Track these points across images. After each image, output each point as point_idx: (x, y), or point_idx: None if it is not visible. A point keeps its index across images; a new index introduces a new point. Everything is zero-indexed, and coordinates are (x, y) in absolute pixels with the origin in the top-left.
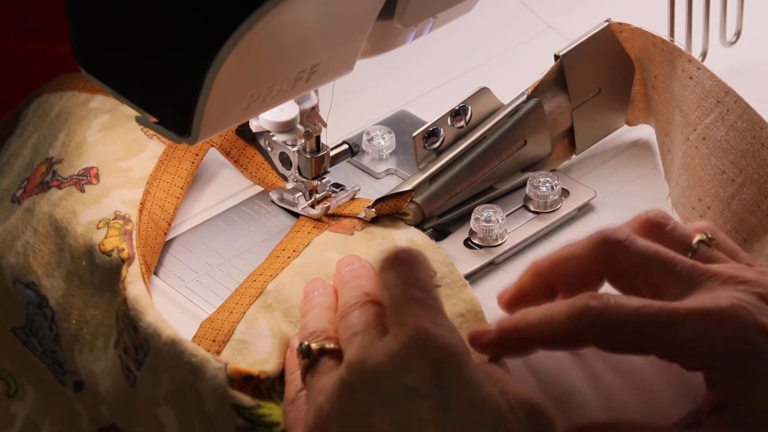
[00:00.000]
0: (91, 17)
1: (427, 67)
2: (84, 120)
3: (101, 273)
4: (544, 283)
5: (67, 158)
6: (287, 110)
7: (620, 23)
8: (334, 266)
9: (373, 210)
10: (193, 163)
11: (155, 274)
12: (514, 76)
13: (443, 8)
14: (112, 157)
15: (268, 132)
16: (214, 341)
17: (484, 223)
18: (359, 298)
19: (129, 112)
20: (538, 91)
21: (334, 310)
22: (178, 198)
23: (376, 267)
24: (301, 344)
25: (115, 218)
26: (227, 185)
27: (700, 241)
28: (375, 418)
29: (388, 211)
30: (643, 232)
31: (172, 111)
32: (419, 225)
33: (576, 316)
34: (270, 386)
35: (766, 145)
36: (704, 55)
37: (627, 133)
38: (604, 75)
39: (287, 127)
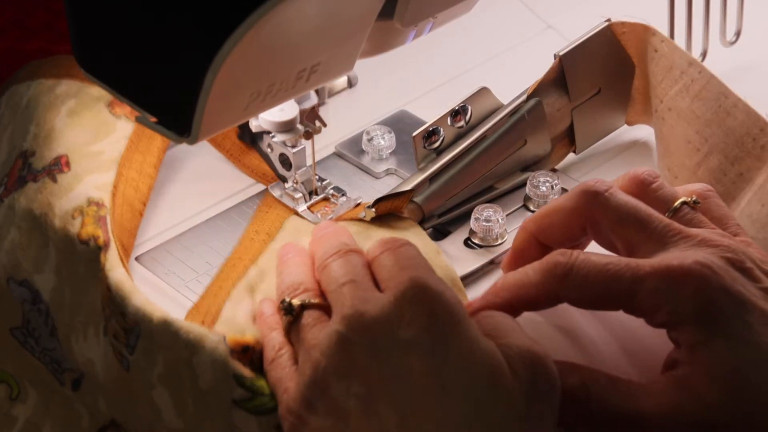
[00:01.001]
0: (91, 17)
1: (427, 67)
2: (52, 107)
3: (83, 263)
4: (535, 241)
5: (39, 150)
6: (287, 110)
7: (621, 23)
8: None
9: (373, 210)
10: (164, 140)
11: (155, 273)
12: (514, 76)
13: (443, 8)
14: (81, 141)
15: (268, 133)
16: (202, 323)
17: (484, 223)
18: (338, 247)
19: (96, 93)
20: (538, 91)
21: (310, 267)
22: (151, 177)
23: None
24: (282, 301)
25: (88, 205)
26: (227, 184)
27: (684, 203)
28: (373, 371)
29: (388, 211)
30: (628, 189)
31: (172, 111)
32: (419, 225)
33: (546, 272)
34: (261, 360)
35: (732, 114)
36: (704, 55)
37: (627, 133)
38: (604, 75)
39: (287, 126)
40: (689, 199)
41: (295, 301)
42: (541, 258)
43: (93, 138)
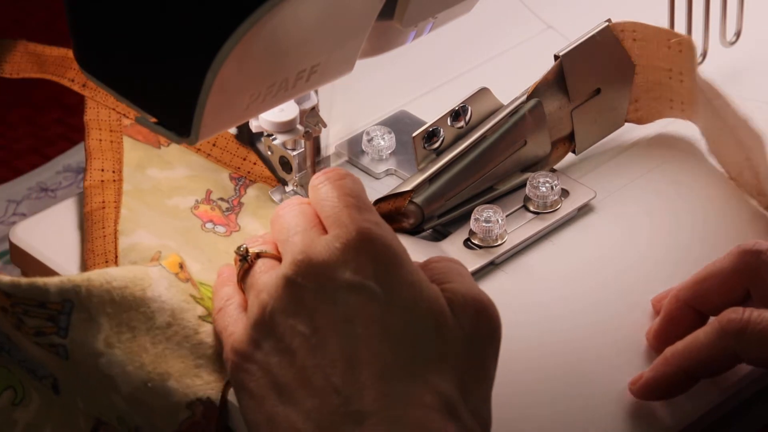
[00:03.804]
0: (91, 18)
1: (427, 67)
2: None
3: None
4: (689, 309)
5: None
6: (287, 110)
7: (621, 23)
8: (164, 184)
9: None
10: None
11: None
12: (514, 76)
13: (443, 8)
14: None
15: (268, 135)
16: (107, 262)
17: (483, 224)
18: (292, 201)
19: None
20: (538, 91)
21: None
22: None
23: None
24: (239, 247)
25: None
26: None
27: None
28: (320, 313)
29: (388, 211)
30: None
31: (172, 111)
32: (419, 225)
33: (720, 332)
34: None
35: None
36: (704, 55)
37: (627, 133)
38: (604, 75)
39: (287, 127)
40: None
41: (252, 249)
42: (697, 327)
43: None
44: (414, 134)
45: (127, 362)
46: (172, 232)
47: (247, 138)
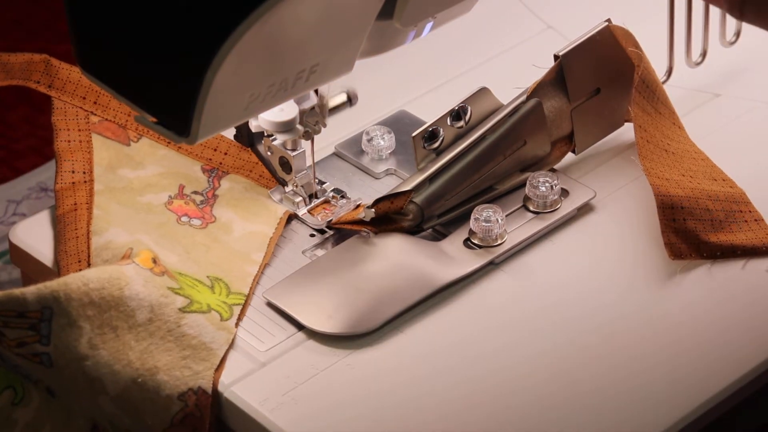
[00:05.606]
0: (91, 17)
1: (427, 67)
2: None
3: None
4: None
5: None
6: (287, 110)
7: (619, 26)
8: (136, 183)
9: (373, 210)
10: None
11: None
12: (514, 76)
13: (443, 8)
14: None
15: (268, 136)
16: (79, 262)
17: (483, 223)
18: None
19: None
20: (538, 91)
21: None
22: None
23: None
24: None
25: None
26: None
27: None
28: None
29: (387, 211)
30: None
31: (172, 111)
32: (419, 225)
33: None
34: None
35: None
36: (704, 54)
37: (627, 133)
38: (604, 75)
39: (287, 127)
40: None
41: None
42: None
43: None
44: (414, 134)
45: (113, 362)
46: (146, 228)
47: (247, 138)
